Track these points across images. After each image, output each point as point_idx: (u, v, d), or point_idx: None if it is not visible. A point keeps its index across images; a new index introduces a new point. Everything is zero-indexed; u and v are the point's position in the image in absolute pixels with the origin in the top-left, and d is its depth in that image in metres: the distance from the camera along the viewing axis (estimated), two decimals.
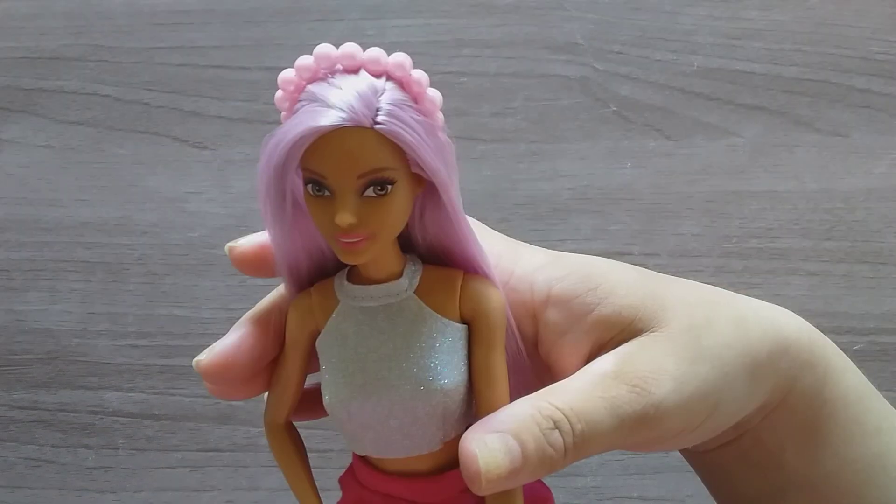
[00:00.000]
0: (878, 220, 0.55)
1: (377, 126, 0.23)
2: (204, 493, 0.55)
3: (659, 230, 0.55)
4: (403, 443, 0.26)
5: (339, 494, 0.29)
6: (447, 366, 0.25)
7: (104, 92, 0.58)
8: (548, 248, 0.29)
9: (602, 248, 0.55)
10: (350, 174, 0.23)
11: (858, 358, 0.54)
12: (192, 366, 0.27)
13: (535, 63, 0.57)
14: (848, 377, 0.31)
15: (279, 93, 0.24)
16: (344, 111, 0.23)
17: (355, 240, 0.24)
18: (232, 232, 0.56)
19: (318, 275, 0.27)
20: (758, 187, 0.56)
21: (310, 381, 0.29)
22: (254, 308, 0.29)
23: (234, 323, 0.54)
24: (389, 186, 0.24)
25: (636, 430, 0.26)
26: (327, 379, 0.26)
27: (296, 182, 0.25)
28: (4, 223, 0.58)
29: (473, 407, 0.27)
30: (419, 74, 0.24)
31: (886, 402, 0.32)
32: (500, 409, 0.26)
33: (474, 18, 0.58)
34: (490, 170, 0.56)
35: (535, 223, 0.55)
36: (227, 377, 0.27)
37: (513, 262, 0.29)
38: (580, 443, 0.25)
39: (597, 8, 0.57)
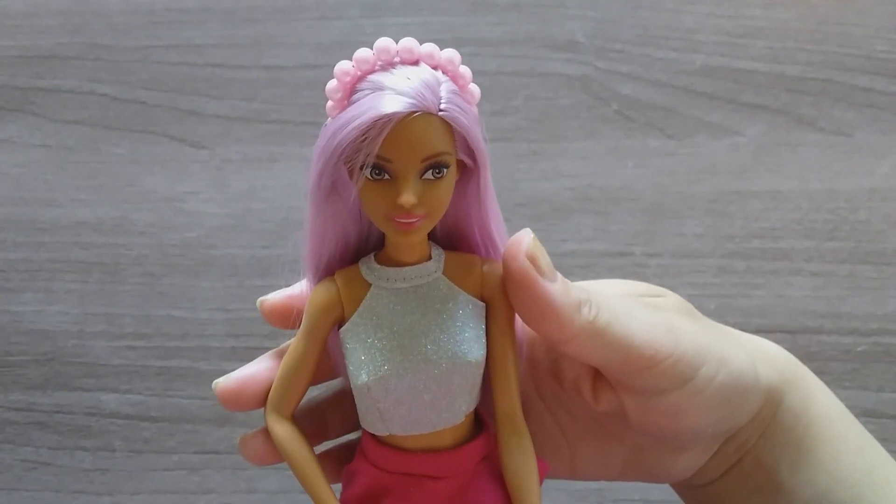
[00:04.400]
0: (881, 220, 0.55)
1: (441, 113, 0.25)
2: (202, 495, 0.55)
3: (661, 230, 0.55)
4: (431, 418, 0.27)
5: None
6: (477, 340, 0.27)
7: (101, 91, 0.58)
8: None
9: (603, 248, 0.55)
10: (416, 158, 0.25)
11: (862, 359, 0.54)
12: (189, 367, 0.27)
13: (536, 62, 0.57)
14: (827, 397, 0.33)
15: (333, 83, 0.26)
16: (415, 98, 0.25)
17: (413, 220, 0.26)
18: (229, 232, 0.56)
19: (336, 265, 0.28)
20: (760, 187, 0.55)
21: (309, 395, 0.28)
22: (283, 345, 0.30)
23: (231, 324, 0.53)
24: (445, 170, 0.26)
25: (648, 308, 0.29)
26: (363, 360, 0.27)
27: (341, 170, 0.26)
28: (0, 223, 0.57)
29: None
30: (465, 69, 0.27)
31: (859, 422, 0.34)
32: None
33: (474, 16, 0.57)
34: (491, 169, 0.56)
35: (536, 223, 0.55)
36: (239, 403, 0.29)
37: None
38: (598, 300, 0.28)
39: (598, 6, 0.57)
